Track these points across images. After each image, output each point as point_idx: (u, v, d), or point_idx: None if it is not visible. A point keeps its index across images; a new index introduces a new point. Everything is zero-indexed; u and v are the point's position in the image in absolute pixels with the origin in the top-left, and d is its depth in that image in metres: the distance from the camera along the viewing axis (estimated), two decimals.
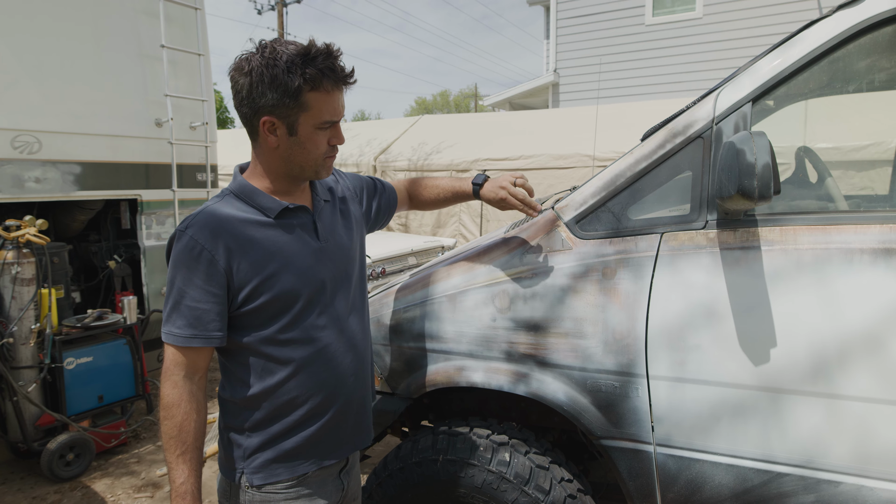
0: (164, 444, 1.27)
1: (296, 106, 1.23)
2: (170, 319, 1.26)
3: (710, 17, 10.03)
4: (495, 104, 14.11)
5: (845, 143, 5.37)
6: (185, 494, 1.25)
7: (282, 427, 1.36)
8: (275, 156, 1.31)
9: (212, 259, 1.23)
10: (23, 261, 3.23)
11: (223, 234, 1.25)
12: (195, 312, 1.24)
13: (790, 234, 1.45)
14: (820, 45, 1.45)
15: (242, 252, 1.26)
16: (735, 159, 1.30)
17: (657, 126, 1.70)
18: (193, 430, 1.27)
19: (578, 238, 1.67)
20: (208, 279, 1.24)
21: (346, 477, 1.52)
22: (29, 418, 3.29)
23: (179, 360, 1.27)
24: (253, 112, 1.25)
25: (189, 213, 1.29)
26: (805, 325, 1.40)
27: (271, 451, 1.36)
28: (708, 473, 1.51)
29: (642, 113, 8.14)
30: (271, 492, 1.36)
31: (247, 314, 1.30)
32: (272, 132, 1.27)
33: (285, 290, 1.30)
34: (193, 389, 1.28)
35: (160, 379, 1.29)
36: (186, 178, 4.29)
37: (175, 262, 1.26)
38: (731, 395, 1.47)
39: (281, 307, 1.31)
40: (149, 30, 4.01)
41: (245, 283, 1.27)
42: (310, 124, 1.26)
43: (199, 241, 1.23)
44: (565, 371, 1.65)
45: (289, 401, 1.35)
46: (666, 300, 1.53)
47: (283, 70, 1.19)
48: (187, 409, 1.26)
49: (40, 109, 3.50)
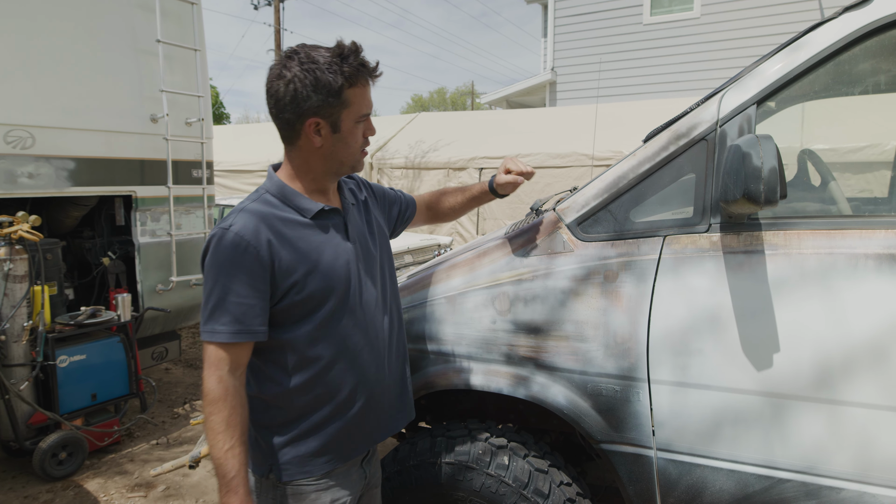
0: (209, 439, 1.28)
1: (338, 104, 1.30)
2: (213, 317, 1.28)
3: (708, 16, 10.03)
4: (492, 102, 14.08)
5: (842, 144, 5.38)
6: (237, 488, 1.26)
7: (309, 424, 1.39)
8: (317, 155, 1.37)
9: (257, 255, 1.27)
10: (15, 257, 3.19)
11: (266, 231, 1.29)
12: (241, 308, 1.27)
13: (794, 238, 1.43)
14: (826, 47, 1.44)
15: (283, 249, 1.30)
16: (741, 163, 1.29)
17: (660, 127, 1.68)
18: (240, 423, 1.28)
19: (580, 240, 1.65)
20: (253, 275, 1.27)
21: (368, 466, 1.57)
22: (21, 416, 3.25)
23: (223, 357, 1.28)
24: (297, 116, 1.31)
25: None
26: (808, 330, 1.39)
27: (299, 447, 1.39)
28: (709, 479, 1.50)
29: (640, 112, 8.13)
30: (301, 485, 1.40)
31: (283, 311, 1.33)
32: (317, 132, 1.33)
33: (320, 288, 1.34)
34: (237, 385, 1.30)
35: (203, 376, 1.30)
36: (182, 174, 4.25)
37: (219, 261, 1.28)
38: (733, 401, 1.46)
39: (315, 304, 1.35)
40: (144, 24, 3.96)
41: (285, 279, 1.31)
42: (350, 119, 1.34)
43: (244, 238, 1.27)
44: (566, 374, 1.64)
45: (317, 397, 1.39)
46: (668, 304, 1.51)
47: (324, 72, 1.26)
48: (233, 403, 1.28)
49: (34, 104, 3.45)
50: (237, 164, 10.49)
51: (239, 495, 1.25)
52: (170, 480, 3.30)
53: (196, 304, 4.50)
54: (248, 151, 10.67)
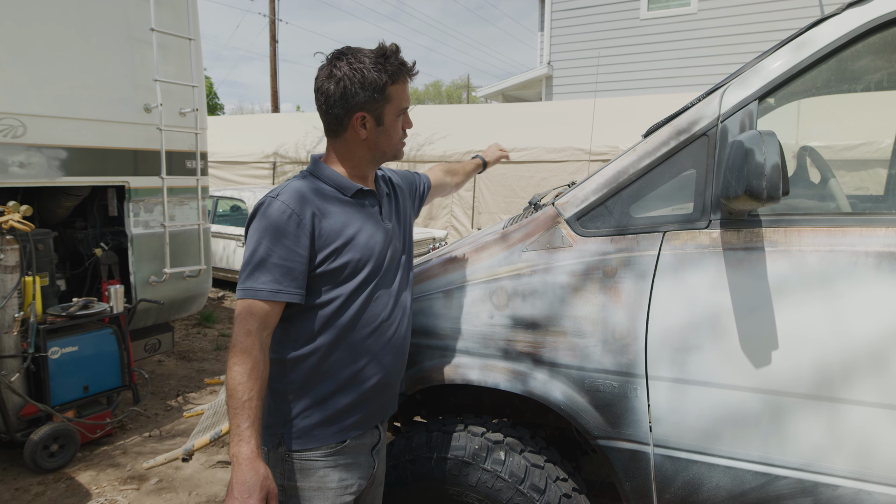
0: (229, 388, 1.31)
1: (382, 99, 1.44)
2: (252, 276, 1.36)
3: (705, 12, 10.03)
4: (488, 96, 14.04)
5: (837, 142, 5.39)
6: (248, 439, 1.29)
7: (324, 391, 1.45)
8: (362, 146, 1.50)
9: (300, 222, 1.38)
10: (6, 247, 3.15)
11: (309, 202, 1.41)
12: (281, 270, 1.36)
13: (794, 235, 1.43)
14: (829, 43, 1.43)
15: (324, 219, 1.42)
16: (744, 159, 1.28)
17: (661, 123, 1.67)
18: (260, 378, 1.32)
19: (579, 235, 1.64)
20: (296, 240, 1.37)
21: (377, 456, 1.61)
22: (12, 408, 3.22)
23: (256, 313, 1.35)
24: (345, 111, 1.44)
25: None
26: (808, 328, 1.38)
27: (311, 415, 1.45)
28: (705, 475, 1.50)
29: (636, 108, 8.12)
30: (310, 458, 1.46)
31: (317, 277, 1.42)
32: (363, 125, 1.46)
33: (355, 259, 1.44)
34: (263, 343, 1.36)
35: (233, 330, 1.35)
36: (175, 165, 4.21)
37: (264, 225, 1.38)
38: (730, 398, 1.45)
39: (348, 274, 1.44)
40: (138, 12, 3.91)
41: (323, 247, 1.41)
42: (392, 113, 1.48)
43: (289, 206, 1.38)
44: (563, 370, 1.63)
45: (335, 362, 1.46)
46: (667, 300, 1.51)
47: (370, 70, 1.41)
48: (257, 357, 1.32)
49: (25, 92, 3.40)
50: (231, 155, 10.42)
51: (250, 446, 1.28)
52: (162, 473, 3.29)
53: (189, 296, 4.47)
54: (242, 143, 10.61)
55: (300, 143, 9.89)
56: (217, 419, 3.01)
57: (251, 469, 1.27)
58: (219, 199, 8.12)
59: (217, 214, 8.05)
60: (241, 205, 7.90)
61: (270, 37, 17.52)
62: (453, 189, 2.12)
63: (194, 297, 4.55)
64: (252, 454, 1.28)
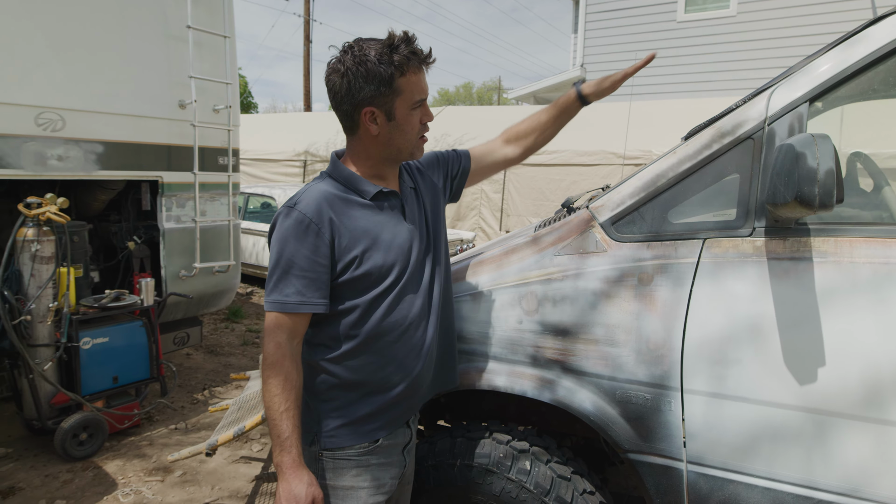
0: (266, 401, 1.34)
1: (390, 92, 1.36)
2: (277, 288, 1.36)
3: (745, 14, 9.77)
4: (519, 98, 13.94)
5: (883, 150, 5.17)
6: (290, 448, 1.32)
7: (356, 393, 1.45)
8: (375, 142, 1.43)
9: (318, 232, 1.35)
10: (42, 238, 3.22)
11: (327, 210, 1.37)
12: (304, 281, 1.35)
13: (846, 245, 1.34)
14: (887, 43, 1.35)
15: (343, 227, 1.38)
16: (794, 163, 1.21)
17: (702, 125, 1.60)
18: (295, 388, 1.35)
19: (614, 240, 1.58)
20: (316, 250, 1.35)
21: (408, 455, 1.60)
22: (44, 396, 3.29)
23: (283, 324, 1.35)
24: (353, 107, 1.38)
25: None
26: (858, 344, 1.30)
27: (344, 415, 1.44)
28: (742, 496, 1.43)
29: (671, 112, 7.96)
30: (343, 457, 1.45)
31: (341, 285, 1.40)
32: (373, 121, 1.39)
33: (378, 265, 1.40)
34: (294, 352, 1.37)
35: (263, 342, 1.37)
36: (208, 161, 4.25)
37: (284, 236, 1.36)
38: (772, 415, 1.38)
39: (373, 280, 1.41)
40: (175, 10, 3.96)
41: (345, 255, 1.38)
42: (404, 107, 1.39)
43: (307, 216, 1.35)
44: (594, 379, 1.57)
45: (366, 365, 1.44)
46: (706, 310, 1.44)
47: (375, 63, 1.32)
48: (290, 368, 1.34)
49: (64, 87, 3.47)
50: (263, 153, 10.55)
51: (292, 455, 1.31)
52: (187, 466, 3.31)
53: (218, 291, 4.51)
54: (275, 141, 10.73)
55: (331, 142, 9.95)
56: (241, 415, 3.02)
57: (296, 477, 1.31)
58: (250, 196, 8.22)
59: (248, 211, 8.15)
60: (271, 202, 7.99)
61: (304, 37, 17.73)
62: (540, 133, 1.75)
63: (223, 292, 4.59)
64: (295, 462, 1.31)
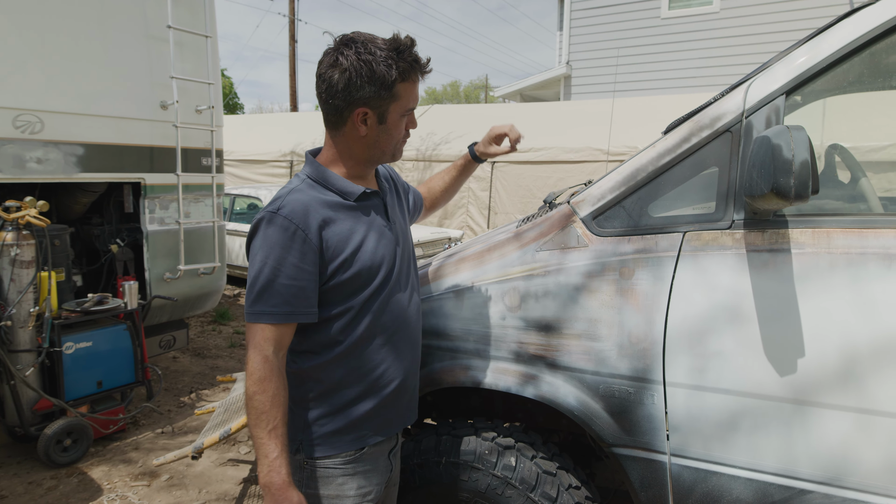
0: (252, 418, 1.27)
1: (388, 97, 1.32)
2: (261, 299, 1.28)
3: (728, 11, 9.84)
4: (506, 95, 13.96)
5: (863, 143, 5.24)
6: (279, 469, 1.26)
7: (342, 399, 1.40)
8: (361, 143, 1.39)
9: (305, 238, 1.29)
10: (22, 242, 3.17)
11: (313, 214, 1.31)
12: (291, 290, 1.28)
13: (823, 236, 1.35)
14: (862, 34, 1.35)
15: (330, 231, 1.33)
16: (770, 155, 1.21)
17: (681, 119, 1.61)
18: (282, 404, 1.29)
19: (595, 235, 1.58)
20: (303, 257, 1.29)
21: (394, 459, 1.57)
22: (26, 402, 3.24)
23: (269, 337, 1.29)
24: (346, 104, 1.32)
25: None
26: (837, 334, 1.31)
27: (330, 423, 1.40)
28: (725, 487, 1.43)
29: (656, 108, 8.00)
30: (329, 466, 1.41)
31: (332, 289, 1.35)
32: (363, 122, 1.35)
33: (366, 267, 1.37)
34: (280, 365, 1.31)
35: (247, 356, 1.30)
36: (191, 162, 4.21)
37: (268, 243, 1.29)
38: (753, 406, 1.39)
39: (361, 283, 1.37)
40: (155, 10, 3.92)
41: (333, 259, 1.33)
42: (397, 112, 1.36)
43: (293, 221, 1.28)
44: (577, 374, 1.57)
45: (353, 371, 1.40)
46: (687, 303, 1.44)
47: (380, 64, 1.28)
48: (277, 384, 1.28)
49: (43, 89, 3.42)
50: (249, 154, 10.48)
51: (281, 475, 1.26)
52: (173, 470, 3.28)
53: (203, 293, 4.48)
54: (261, 142, 10.67)
55: (317, 142, 9.91)
56: (227, 417, 3.00)
57: (285, 499, 1.26)
58: (236, 198, 8.16)
59: (234, 212, 8.10)
60: (257, 203, 7.94)
61: (290, 37, 17.63)
62: (446, 194, 1.90)
63: (209, 294, 4.56)
64: (284, 483, 1.26)
